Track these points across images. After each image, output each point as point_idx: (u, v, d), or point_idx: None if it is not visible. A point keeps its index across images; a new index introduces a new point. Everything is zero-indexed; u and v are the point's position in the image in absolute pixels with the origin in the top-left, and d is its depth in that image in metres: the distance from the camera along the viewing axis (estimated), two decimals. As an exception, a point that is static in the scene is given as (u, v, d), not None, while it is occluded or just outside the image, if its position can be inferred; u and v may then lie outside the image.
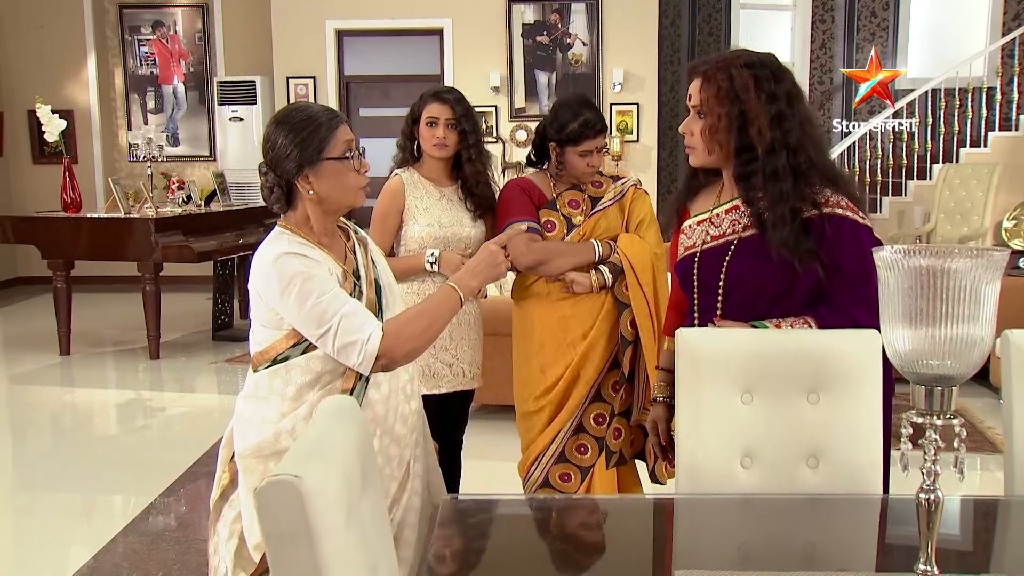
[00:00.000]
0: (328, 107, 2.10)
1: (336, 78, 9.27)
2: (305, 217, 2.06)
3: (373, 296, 2.08)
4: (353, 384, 2.00)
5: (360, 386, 2.01)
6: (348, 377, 2.00)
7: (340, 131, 2.02)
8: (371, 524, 1.46)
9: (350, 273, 2.06)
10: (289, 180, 2.02)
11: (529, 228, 2.92)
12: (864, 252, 1.99)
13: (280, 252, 1.96)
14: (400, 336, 1.96)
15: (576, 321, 2.95)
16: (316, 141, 1.99)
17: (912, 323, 1.35)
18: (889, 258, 1.36)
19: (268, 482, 1.20)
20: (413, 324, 1.99)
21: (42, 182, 9.86)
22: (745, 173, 2.08)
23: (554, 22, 8.97)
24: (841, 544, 1.84)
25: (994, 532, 1.96)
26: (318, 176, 2.00)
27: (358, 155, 2.05)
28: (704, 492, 1.99)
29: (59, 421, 5.79)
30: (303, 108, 2.05)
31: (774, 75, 2.09)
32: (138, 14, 10.02)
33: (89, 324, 7.97)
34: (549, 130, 2.95)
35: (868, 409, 1.98)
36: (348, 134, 2.04)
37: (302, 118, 2.01)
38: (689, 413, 2.02)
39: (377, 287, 2.12)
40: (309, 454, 1.30)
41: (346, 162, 2.02)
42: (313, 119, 2.01)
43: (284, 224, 2.07)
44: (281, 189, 2.04)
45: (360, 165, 2.06)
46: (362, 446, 1.48)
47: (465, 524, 1.93)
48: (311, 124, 2.00)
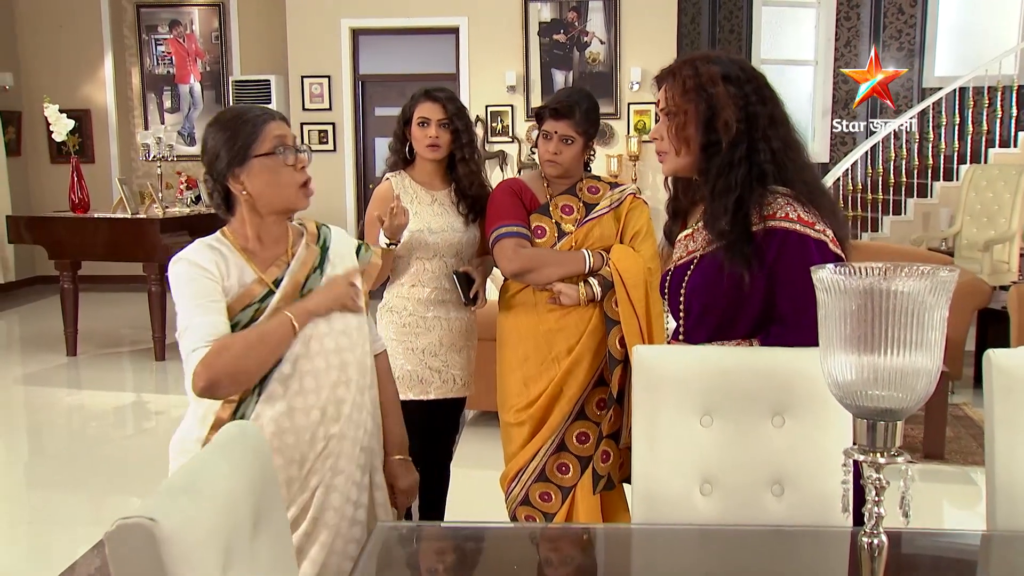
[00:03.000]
0: (267, 108, 2.02)
1: (351, 77, 9.20)
2: (242, 221, 1.99)
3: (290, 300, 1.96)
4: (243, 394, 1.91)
5: (250, 398, 1.92)
6: None
7: (269, 127, 1.94)
8: (269, 568, 1.34)
9: (268, 282, 1.96)
10: (222, 182, 1.96)
11: (517, 234, 2.79)
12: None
13: (177, 257, 1.93)
14: (221, 354, 1.81)
15: (561, 335, 2.81)
16: (243, 138, 1.92)
17: (853, 350, 1.22)
18: (827, 279, 1.23)
19: (118, 525, 1.08)
20: (236, 344, 1.84)
21: (59, 182, 9.85)
22: (707, 168, 1.96)
23: (571, 20, 8.83)
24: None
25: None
26: (248, 175, 1.94)
27: (294, 152, 1.96)
28: (661, 522, 1.86)
29: (64, 422, 5.77)
30: (234, 108, 2.02)
31: (743, 71, 1.98)
32: (155, 13, 10.01)
33: (96, 324, 7.96)
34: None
35: (838, 433, 1.82)
36: (280, 130, 1.95)
37: (230, 117, 1.97)
38: (645, 436, 1.88)
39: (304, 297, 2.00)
40: (178, 491, 1.18)
41: (276, 158, 1.93)
42: (240, 116, 1.95)
43: (224, 229, 2.02)
44: (219, 193, 1.99)
45: (295, 161, 1.96)
46: (258, 481, 1.36)
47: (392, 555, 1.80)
48: (237, 121, 1.94)
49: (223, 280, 1.92)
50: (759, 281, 1.89)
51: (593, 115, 2.81)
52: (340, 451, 1.99)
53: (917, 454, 4.47)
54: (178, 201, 7.49)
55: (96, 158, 9.95)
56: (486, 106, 8.94)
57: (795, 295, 1.86)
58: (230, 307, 1.91)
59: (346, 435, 2.00)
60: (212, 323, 1.85)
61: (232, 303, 1.92)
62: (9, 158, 9.67)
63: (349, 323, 2.04)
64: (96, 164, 9.84)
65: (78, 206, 6.92)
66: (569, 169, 2.83)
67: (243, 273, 1.95)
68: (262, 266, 1.98)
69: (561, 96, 2.82)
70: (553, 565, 1.84)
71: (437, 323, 2.97)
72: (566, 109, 2.75)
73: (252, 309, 1.93)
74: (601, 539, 1.99)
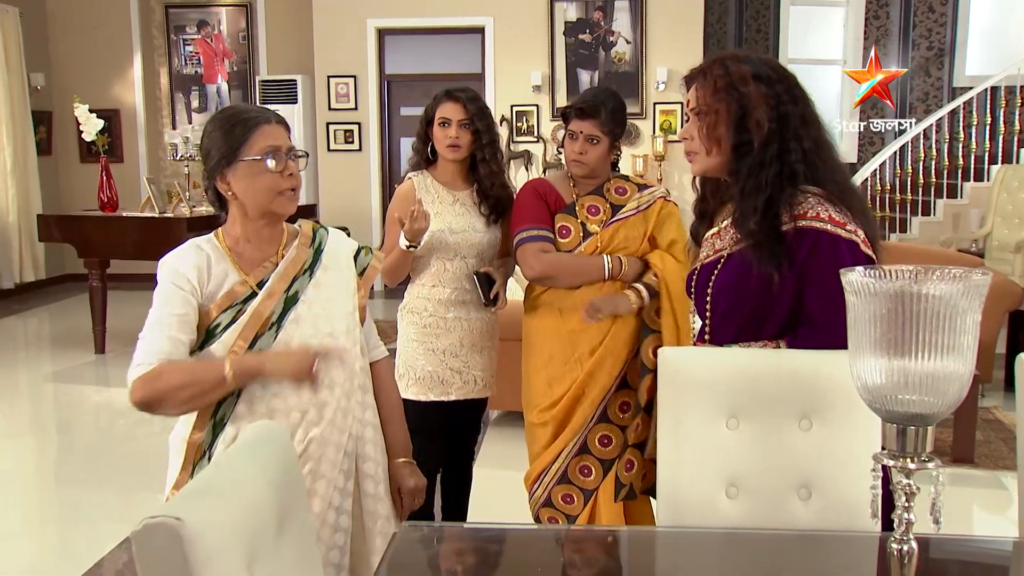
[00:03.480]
0: (264, 108, 2.00)
1: (377, 77, 9.23)
2: (233, 220, 2.00)
3: (270, 309, 1.94)
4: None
5: (231, 399, 1.90)
6: None
7: (261, 131, 1.91)
8: (294, 568, 1.34)
9: (252, 284, 1.95)
10: (212, 180, 1.96)
11: (540, 237, 2.79)
12: None
13: (163, 259, 1.94)
14: (156, 380, 1.79)
15: (584, 336, 2.80)
16: (233, 139, 1.90)
17: (883, 354, 1.20)
18: (857, 282, 1.21)
19: (145, 525, 1.09)
20: (172, 376, 1.80)
21: (88, 181, 9.94)
22: (738, 168, 1.94)
23: (597, 20, 8.81)
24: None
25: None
26: (235, 176, 1.92)
27: (284, 158, 1.93)
28: (686, 525, 1.84)
29: (92, 419, 5.81)
30: (232, 107, 1.99)
31: (773, 70, 1.96)
32: (183, 13, 10.08)
33: (124, 322, 7.98)
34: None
35: (865, 437, 1.80)
36: (272, 137, 1.92)
37: (227, 116, 1.94)
38: (671, 439, 1.87)
39: (290, 300, 1.97)
40: (203, 492, 1.19)
41: (262, 163, 1.91)
42: (235, 117, 1.93)
43: (219, 228, 2.03)
44: (212, 190, 2.00)
45: (282, 168, 1.92)
46: (284, 481, 1.36)
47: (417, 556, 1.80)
48: (231, 122, 1.92)
49: (202, 287, 1.91)
50: (789, 281, 1.87)
51: (619, 115, 2.79)
52: (321, 455, 1.95)
53: (946, 458, 4.40)
54: (205, 200, 7.52)
55: (125, 157, 10.03)
56: (511, 106, 8.93)
57: (825, 296, 1.84)
58: (213, 308, 1.91)
59: (328, 440, 1.96)
60: (161, 343, 1.83)
61: (214, 305, 1.91)
62: (40, 157, 9.79)
63: (337, 327, 2.01)
64: (124, 164, 9.92)
65: (107, 205, 6.99)
66: (595, 169, 2.82)
67: (227, 275, 1.94)
68: (249, 267, 1.97)
69: (587, 96, 2.81)
70: (577, 567, 1.83)
71: (458, 324, 2.96)
72: (592, 109, 2.74)
73: (233, 311, 1.92)
74: (625, 541, 1.98)
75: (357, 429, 2.05)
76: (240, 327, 1.91)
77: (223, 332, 1.91)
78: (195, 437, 1.91)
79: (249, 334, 1.91)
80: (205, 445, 1.90)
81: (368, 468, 2.07)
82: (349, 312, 2.06)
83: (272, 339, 1.93)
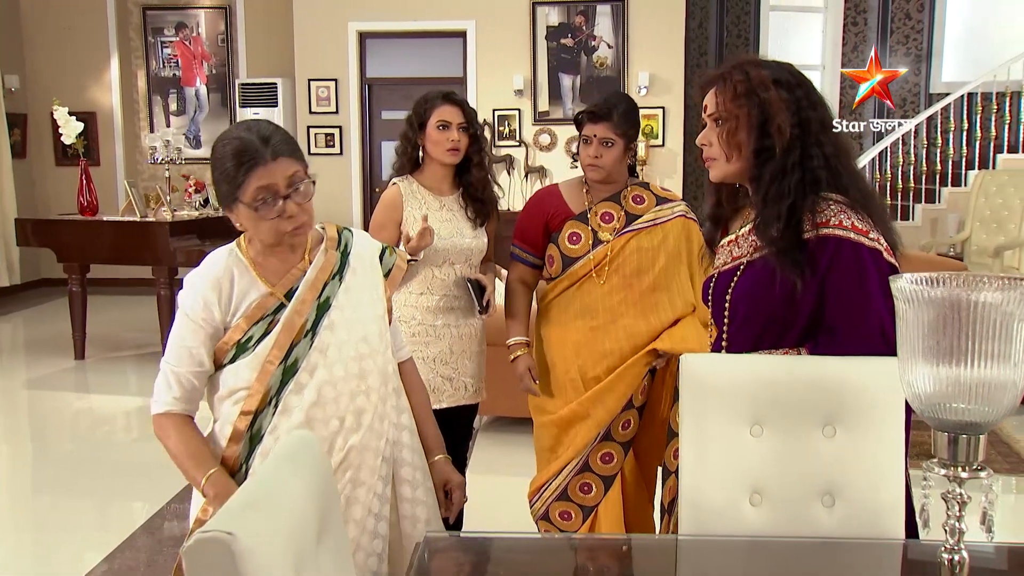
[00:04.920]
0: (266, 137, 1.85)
1: (358, 80, 9.18)
2: (251, 236, 1.97)
3: (303, 317, 1.92)
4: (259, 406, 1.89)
5: (267, 409, 1.89)
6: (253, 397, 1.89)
7: (254, 176, 1.81)
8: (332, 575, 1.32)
9: (280, 295, 1.92)
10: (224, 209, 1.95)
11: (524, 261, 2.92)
12: (865, 277, 1.82)
13: (189, 277, 1.93)
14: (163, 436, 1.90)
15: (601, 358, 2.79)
16: (229, 182, 1.85)
17: (935, 362, 1.19)
18: (908, 289, 1.20)
19: (197, 539, 1.06)
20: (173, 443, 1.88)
21: (64, 184, 9.84)
22: (760, 174, 1.93)
23: (579, 24, 8.82)
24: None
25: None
26: (238, 215, 1.89)
27: (279, 201, 1.83)
28: (709, 533, 1.83)
29: (73, 426, 5.73)
30: (226, 142, 1.87)
31: (791, 75, 1.96)
32: (161, 16, 9.98)
33: (104, 328, 7.92)
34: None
35: (890, 444, 1.80)
36: (266, 179, 1.82)
37: (220, 156, 1.87)
38: (694, 446, 1.85)
39: (323, 306, 1.95)
40: (249, 505, 1.16)
41: (258, 210, 1.84)
42: (234, 155, 1.83)
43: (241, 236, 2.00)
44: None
45: (280, 212, 1.84)
46: (321, 490, 1.34)
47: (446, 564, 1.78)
48: (225, 162, 1.84)
49: (224, 305, 1.89)
50: (810, 290, 1.87)
51: (632, 116, 2.78)
52: (361, 463, 1.93)
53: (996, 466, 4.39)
54: (187, 204, 7.44)
55: (101, 161, 9.90)
56: (493, 110, 8.92)
57: (848, 305, 1.84)
58: (242, 322, 1.89)
59: (367, 446, 1.95)
60: (173, 386, 1.89)
61: (243, 319, 1.89)
62: (15, 160, 9.63)
63: (369, 330, 1.99)
64: (101, 167, 9.79)
65: (87, 209, 6.89)
66: (612, 173, 2.80)
67: (252, 287, 1.92)
68: (275, 277, 1.94)
69: (598, 100, 2.80)
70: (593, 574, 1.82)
71: (447, 331, 2.95)
72: (604, 111, 2.73)
73: (265, 323, 1.90)
74: (648, 549, 1.97)
75: (394, 434, 2.03)
76: (275, 337, 1.89)
77: (256, 344, 1.89)
78: (231, 451, 1.88)
79: (285, 343, 1.89)
80: (242, 459, 1.88)
81: (406, 473, 2.05)
82: (380, 315, 2.04)
83: (308, 346, 1.91)
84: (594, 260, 2.77)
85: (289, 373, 1.89)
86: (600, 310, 2.77)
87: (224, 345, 1.90)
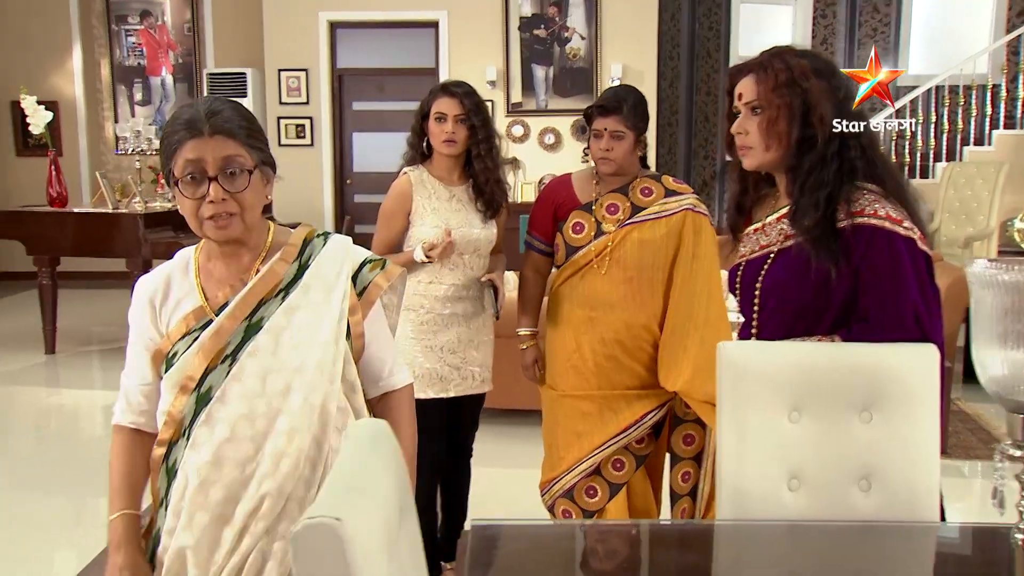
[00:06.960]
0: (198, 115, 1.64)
1: (329, 71, 9.09)
2: None
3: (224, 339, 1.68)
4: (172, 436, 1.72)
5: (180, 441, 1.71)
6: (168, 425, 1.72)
7: (186, 148, 1.61)
8: (408, 558, 1.31)
9: (211, 309, 1.71)
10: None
11: (538, 250, 2.94)
12: (900, 266, 1.84)
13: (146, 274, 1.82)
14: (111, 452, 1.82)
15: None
16: (164, 155, 1.67)
17: (1009, 345, 1.20)
18: (984, 274, 1.22)
19: (305, 526, 1.05)
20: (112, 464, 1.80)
21: (27, 175, 9.64)
22: (799, 163, 1.94)
23: (552, 15, 8.81)
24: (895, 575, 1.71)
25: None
26: (175, 193, 1.68)
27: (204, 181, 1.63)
28: (748, 517, 1.85)
29: (44, 422, 5.62)
30: (176, 113, 1.67)
31: (827, 65, 1.99)
32: (125, 3, 9.78)
33: (75, 321, 7.77)
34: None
35: (925, 429, 1.83)
36: (194, 152, 1.61)
37: (166, 126, 1.68)
38: (733, 432, 1.87)
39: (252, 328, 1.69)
40: (349, 490, 1.16)
41: (180, 185, 1.64)
42: (166, 130, 1.66)
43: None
44: None
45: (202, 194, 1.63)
46: (397, 472, 1.33)
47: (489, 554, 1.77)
48: (166, 134, 1.66)
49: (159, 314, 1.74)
50: (844, 278, 1.89)
51: (641, 109, 2.79)
52: (279, 512, 1.64)
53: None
54: (159, 196, 7.32)
55: (64, 151, 9.69)
56: (466, 101, 8.85)
57: (882, 293, 1.86)
58: (171, 335, 1.72)
59: (290, 495, 1.65)
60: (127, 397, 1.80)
61: (172, 332, 1.72)
62: (-26, 151, 9.43)
63: (308, 360, 1.68)
64: (65, 157, 9.58)
65: (56, 200, 6.75)
66: (623, 166, 2.80)
67: (189, 296, 1.74)
68: (217, 286, 1.73)
69: (608, 94, 2.81)
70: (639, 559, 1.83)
71: (455, 320, 2.95)
72: (614, 105, 2.74)
73: (189, 339, 1.69)
74: (689, 534, 1.98)
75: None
76: (190, 358, 1.68)
77: (178, 360, 1.69)
78: (153, 483, 1.76)
79: (200, 366, 1.67)
80: (160, 493, 1.73)
81: None
82: (328, 342, 1.70)
83: (224, 375, 1.67)
84: (595, 250, 2.78)
85: (202, 402, 1.66)
86: (600, 299, 2.78)
87: (159, 356, 1.73)
